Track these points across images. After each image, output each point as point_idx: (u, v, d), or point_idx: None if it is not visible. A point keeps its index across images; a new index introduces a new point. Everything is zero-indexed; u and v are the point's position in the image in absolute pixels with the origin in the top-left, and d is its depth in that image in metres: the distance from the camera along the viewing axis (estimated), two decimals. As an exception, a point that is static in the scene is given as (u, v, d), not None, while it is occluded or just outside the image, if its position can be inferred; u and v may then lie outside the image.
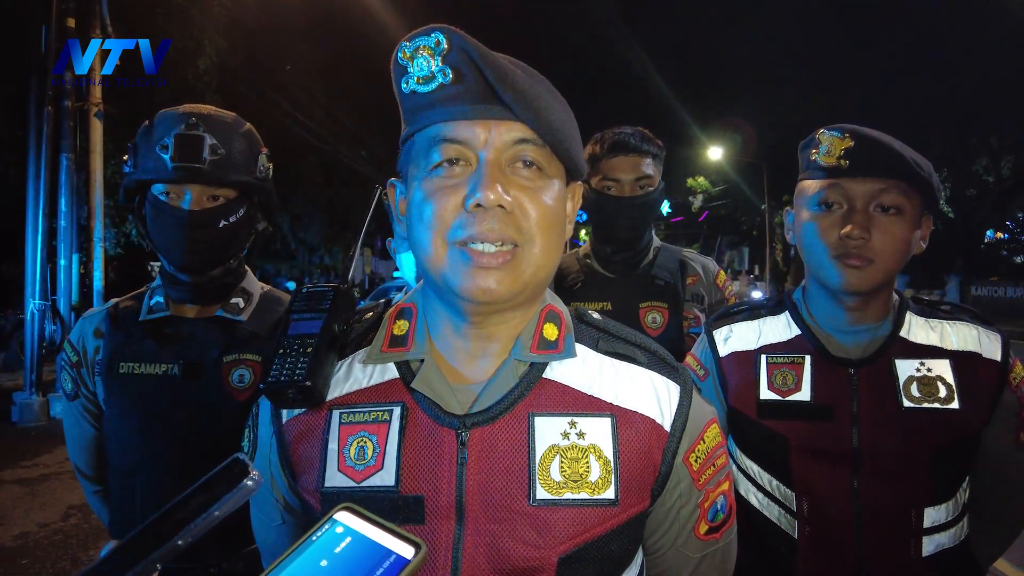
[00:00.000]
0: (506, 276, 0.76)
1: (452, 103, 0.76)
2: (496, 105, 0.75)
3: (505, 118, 0.76)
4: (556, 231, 0.81)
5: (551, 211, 0.79)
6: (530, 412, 0.81)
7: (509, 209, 0.76)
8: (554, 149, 0.79)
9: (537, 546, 0.76)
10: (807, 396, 1.25)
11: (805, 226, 1.26)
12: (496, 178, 0.75)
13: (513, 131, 0.77)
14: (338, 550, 0.49)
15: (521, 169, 0.78)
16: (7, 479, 5.62)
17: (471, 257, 0.76)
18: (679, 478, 0.85)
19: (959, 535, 1.22)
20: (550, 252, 0.80)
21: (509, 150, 0.77)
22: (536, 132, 0.77)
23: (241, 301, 1.49)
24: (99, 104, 8.29)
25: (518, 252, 0.77)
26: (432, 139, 0.78)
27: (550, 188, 0.80)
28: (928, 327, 1.27)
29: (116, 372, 1.41)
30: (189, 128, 1.35)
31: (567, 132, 0.80)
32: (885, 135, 1.19)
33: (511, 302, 0.79)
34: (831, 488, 1.22)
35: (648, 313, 1.93)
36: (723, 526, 0.91)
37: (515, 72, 0.75)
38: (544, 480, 0.78)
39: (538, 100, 0.76)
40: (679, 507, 0.86)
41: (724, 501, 0.91)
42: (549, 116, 0.77)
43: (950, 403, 1.19)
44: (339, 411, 0.84)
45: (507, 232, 0.76)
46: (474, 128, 0.76)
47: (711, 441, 0.88)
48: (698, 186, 29.62)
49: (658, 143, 2.00)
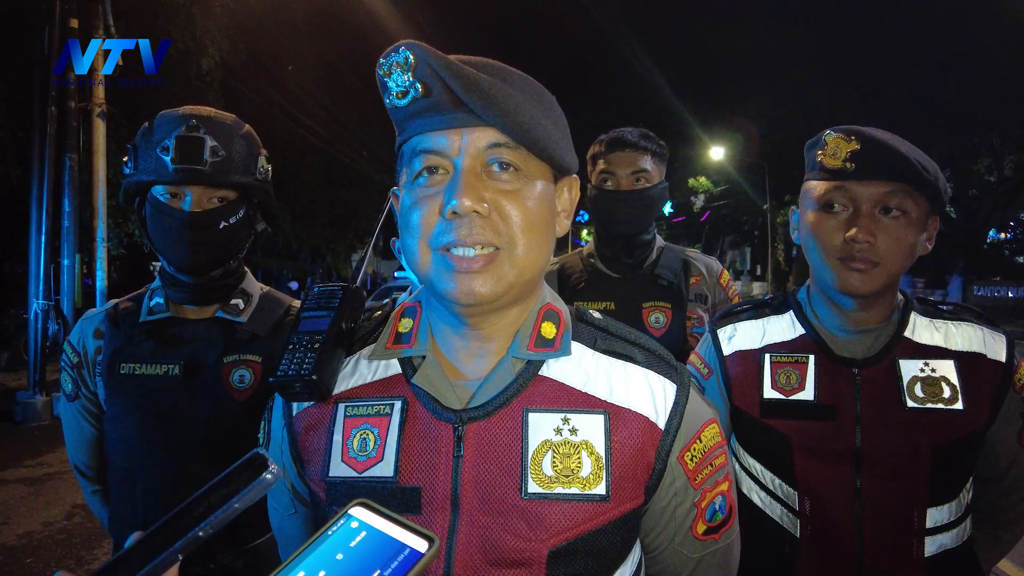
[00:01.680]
0: (489, 278, 0.78)
1: (426, 114, 0.79)
2: (465, 112, 0.77)
3: (476, 124, 0.78)
4: (540, 230, 0.81)
5: (532, 212, 0.80)
6: (524, 408, 0.82)
7: (485, 214, 0.77)
8: (531, 149, 0.80)
9: (528, 539, 0.78)
10: (810, 395, 1.25)
11: (810, 228, 1.26)
12: (470, 184, 0.77)
13: (486, 136, 0.78)
14: (353, 544, 0.50)
15: (498, 172, 0.80)
16: (11, 478, 5.63)
17: (453, 263, 0.78)
18: (673, 476, 0.86)
19: (962, 536, 1.22)
20: (534, 252, 0.81)
21: (483, 155, 0.79)
22: (508, 134, 0.78)
23: (241, 302, 1.49)
24: (102, 105, 8.30)
25: (499, 255, 0.79)
26: (413, 150, 0.81)
27: (530, 189, 0.81)
28: (933, 327, 1.27)
29: (116, 372, 1.42)
30: (190, 130, 1.36)
31: (543, 131, 0.81)
32: (892, 137, 1.19)
33: (498, 303, 0.81)
34: (833, 487, 1.22)
35: (651, 313, 1.94)
36: (722, 527, 0.91)
37: (480, 79, 0.76)
38: (536, 474, 0.80)
39: (507, 102, 0.77)
40: (675, 506, 0.87)
41: (723, 501, 0.91)
42: (519, 117, 0.78)
43: (954, 403, 1.19)
44: (344, 404, 0.88)
45: (485, 236, 0.77)
46: (447, 136, 0.79)
47: (708, 441, 0.88)
48: (700, 186, 29.60)
49: (659, 142, 2.00)
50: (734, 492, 0.95)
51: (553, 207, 0.86)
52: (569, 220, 0.90)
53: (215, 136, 1.37)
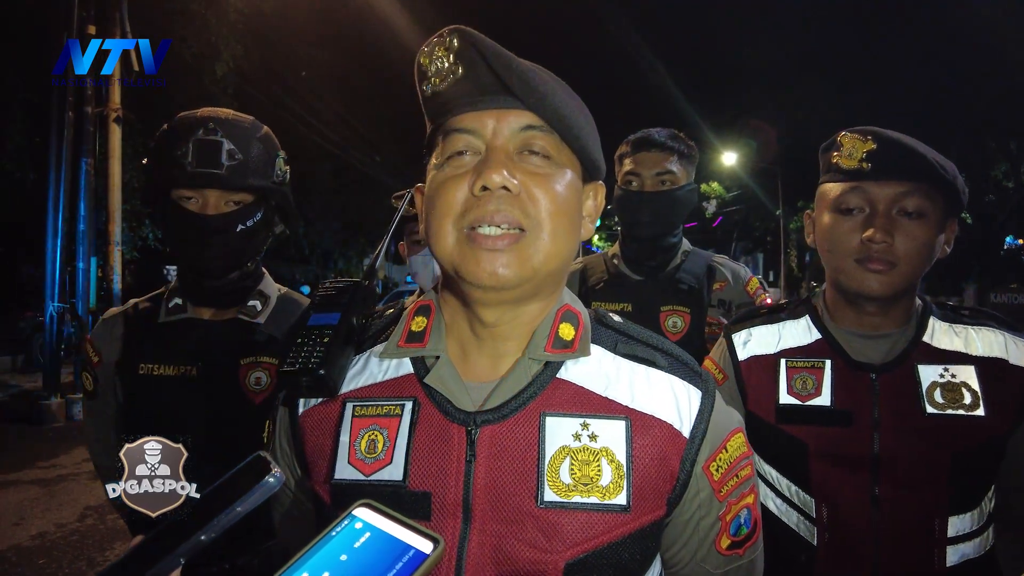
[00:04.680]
0: (513, 260, 0.76)
1: (464, 97, 0.79)
2: (504, 95, 0.78)
3: (513, 107, 0.78)
4: (566, 220, 0.80)
5: (561, 198, 0.79)
6: (542, 412, 0.79)
7: (515, 192, 0.77)
8: (564, 136, 0.80)
9: (544, 549, 0.75)
10: (827, 401, 1.24)
11: (826, 230, 1.24)
12: (501, 162, 0.77)
13: (520, 119, 0.78)
14: (357, 545, 0.49)
15: (530, 156, 0.79)
16: (25, 479, 5.69)
17: (478, 242, 0.76)
18: (698, 488, 0.82)
19: (984, 545, 1.19)
20: (560, 240, 0.79)
21: (517, 137, 0.79)
22: (543, 118, 0.78)
23: (258, 304, 1.50)
24: (118, 110, 8.43)
25: (525, 237, 0.77)
26: (445, 132, 0.81)
27: (561, 176, 0.80)
28: (952, 332, 1.24)
29: (135, 372, 1.43)
30: (207, 133, 1.36)
31: (578, 123, 0.81)
32: (908, 137, 1.17)
33: (520, 289, 0.78)
34: (851, 495, 1.20)
35: (669, 317, 1.92)
36: (747, 541, 0.87)
37: (520, 62, 0.76)
38: (553, 482, 0.76)
39: (544, 87, 0.77)
40: (699, 518, 0.83)
41: (748, 515, 0.87)
42: (555, 102, 0.77)
43: (975, 410, 1.16)
44: (352, 404, 0.85)
45: (512, 214, 0.76)
46: (482, 118, 0.79)
47: (735, 451, 0.85)
48: (712, 191, 29.48)
49: (688, 143, 1.98)
50: (759, 506, 0.91)
51: (580, 202, 0.84)
52: (593, 225, 0.89)
53: (233, 139, 1.38)
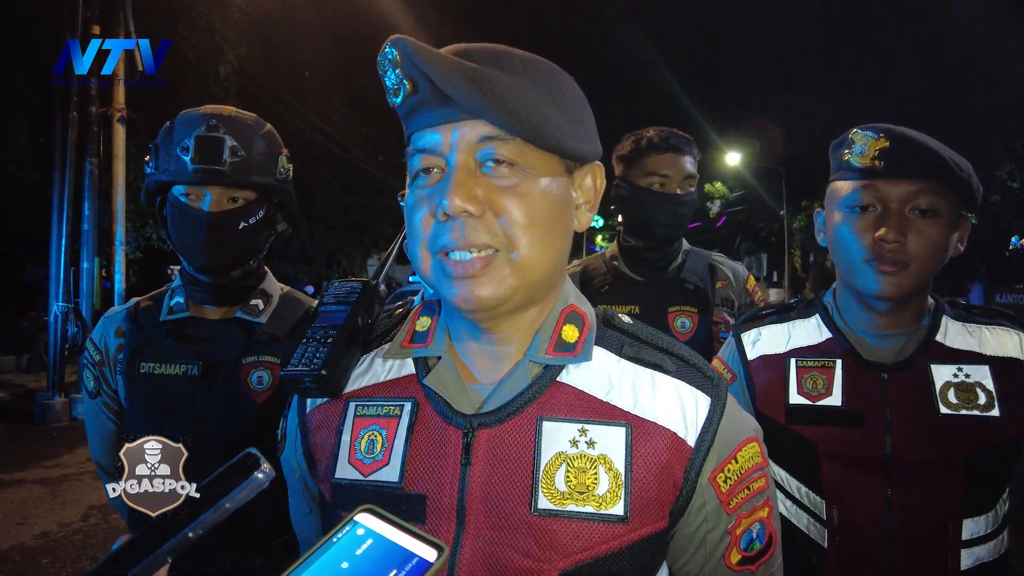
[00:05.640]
0: (488, 282, 0.73)
1: (420, 111, 0.75)
2: (454, 106, 0.72)
3: (466, 117, 0.73)
4: (544, 228, 0.75)
5: (535, 207, 0.74)
6: (539, 416, 0.77)
7: (478, 214, 0.72)
8: (529, 139, 0.73)
9: (537, 558, 0.73)
10: (838, 401, 1.22)
11: (837, 228, 1.22)
12: (461, 183, 0.72)
13: (476, 129, 0.73)
14: (359, 552, 0.48)
15: (496, 167, 0.74)
16: (29, 479, 5.69)
17: (451, 267, 0.74)
18: (704, 499, 0.78)
19: (999, 549, 1.17)
20: (538, 251, 0.75)
21: (474, 149, 0.74)
22: (499, 126, 0.72)
23: (260, 302, 1.49)
24: (122, 110, 8.45)
25: (497, 257, 0.74)
26: (411, 150, 0.78)
27: (531, 183, 0.75)
28: (966, 332, 1.22)
29: (137, 371, 1.42)
30: (209, 130, 1.35)
31: (543, 118, 0.74)
32: (922, 134, 1.16)
33: (504, 307, 0.76)
34: (863, 496, 1.18)
35: (677, 318, 1.90)
36: (760, 557, 0.83)
37: (464, 68, 0.71)
38: (547, 489, 0.74)
39: (494, 90, 0.71)
40: (705, 531, 0.80)
41: (762, 529, 0.82)
42: (511, 105, 0.71)
43: (990, 410, 1.15)
44: (355, 403, 0.85)
45: (479, 238, 0.73)
46: (439, 132, 0.74)
47: (746, 461, 0.80)
48: (715, 191, 29.46)
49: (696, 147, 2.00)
50: (776, 520, 0.86)
51: (565, 201, 0.79)
52: (593, 212, 0.84)
53: (235, 136, 1.37)
